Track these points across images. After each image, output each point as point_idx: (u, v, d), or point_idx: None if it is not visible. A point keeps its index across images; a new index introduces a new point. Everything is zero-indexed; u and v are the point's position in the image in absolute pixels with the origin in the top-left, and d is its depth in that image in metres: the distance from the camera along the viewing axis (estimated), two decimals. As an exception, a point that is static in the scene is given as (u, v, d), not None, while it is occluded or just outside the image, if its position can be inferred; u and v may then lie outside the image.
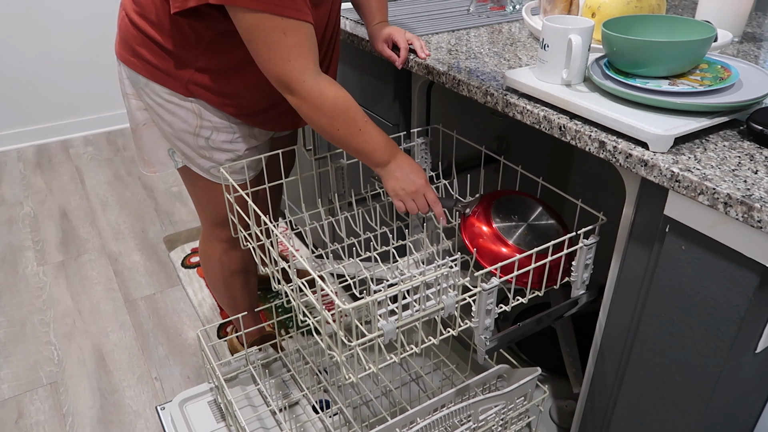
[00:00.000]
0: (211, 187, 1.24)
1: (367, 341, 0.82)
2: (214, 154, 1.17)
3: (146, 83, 1.11)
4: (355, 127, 1.03)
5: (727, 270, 0.75)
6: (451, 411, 0.96)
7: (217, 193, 1.25)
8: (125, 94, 1.17)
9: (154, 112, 1.14)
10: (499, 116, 1.48)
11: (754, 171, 0.74)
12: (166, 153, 1.20)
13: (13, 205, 2.50)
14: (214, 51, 1.06)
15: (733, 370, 0.83)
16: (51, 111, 3.06)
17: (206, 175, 1.21)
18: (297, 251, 0.90)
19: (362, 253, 1.23)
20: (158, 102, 1.12)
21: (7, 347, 1.75)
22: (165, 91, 1.10)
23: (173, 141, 1.17)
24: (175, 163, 1.21)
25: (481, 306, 0.88)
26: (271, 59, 0.96)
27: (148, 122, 1.17)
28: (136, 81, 1.12)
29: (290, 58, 0.95)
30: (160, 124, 1.15)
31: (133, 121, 1.20)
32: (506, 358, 1.35)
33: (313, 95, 0.98)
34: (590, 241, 0.96)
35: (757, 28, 1.29)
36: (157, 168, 1.23)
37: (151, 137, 1.19)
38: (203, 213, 1.31)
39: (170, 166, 1.22)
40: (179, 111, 1.12)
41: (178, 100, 1.11)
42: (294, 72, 0.96)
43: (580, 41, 0.89)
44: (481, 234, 1.06)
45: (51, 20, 2.88)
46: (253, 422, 1.34)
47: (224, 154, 1.18)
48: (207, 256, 1.39)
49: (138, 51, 1.09)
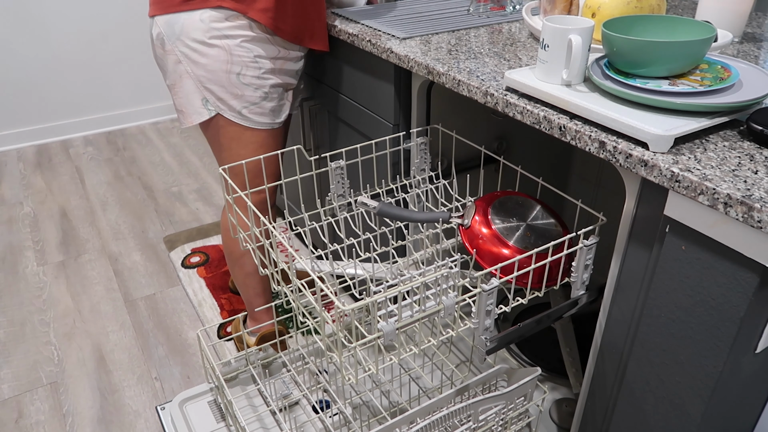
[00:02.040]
0: (239, 135, 1.33)
1: (367, 342, 0.82)
2: (246, 91, 1.28)
3: (181, 29, 1.23)
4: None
5: (727, 270, 0.75)
6: (451, 411, 0.96)
7: (245, 143, 1.35)
8: (162, 53, 1.29)
9: (189, 59, 1.25)
10: (499, 116, 1.48)
11: (754, 171, 0.74)
12: (200, 102, 1.30)
13: (13, 205, 2.50)
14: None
15: (733, 370, 0.83)
16: (51, 111, 3.06)
17: (238, 118, 1.31)
18: (297, 251, 0.90)
19: (362, 253, 1.23)
20: (192, 47, 1.24)
21: (7, 347, 1.75)
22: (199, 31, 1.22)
23: (207, 86, 1.27)
24: (209, 111, 1.31)
25: (481, 307, 0.88)
26: None
27: (184, 74, 1.28)
28: (171, 33, 1.24)
29: None
30: (195, 70, 1.26)
31: (170, 78, 1.31)
32: (506, 358, 1.35)
33: None
34: (590, 241, 0.96)
35: (757, 28, 1.29)
36: (193, 118, 1.32)
37: (186, 88, 1.30)
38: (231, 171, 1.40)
39: (204, 115, 1.31)
40: (211, 51, 1.24)
41: (211, 38, 1.23)
42: None
43: (580, 41, 0.89)
44: (480, 235, 1.06)
45: (51, 20, 2.88)
46: (253, 422, 1.34)
47: (254, 92, 1.29)
48: (228, 227, 1.44)
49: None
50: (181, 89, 1.31)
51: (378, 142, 1.40)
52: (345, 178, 1.25)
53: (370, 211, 1.17)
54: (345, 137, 1.59)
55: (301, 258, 0.88)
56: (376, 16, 1.46)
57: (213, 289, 1.95)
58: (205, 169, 2.79)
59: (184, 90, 1.30)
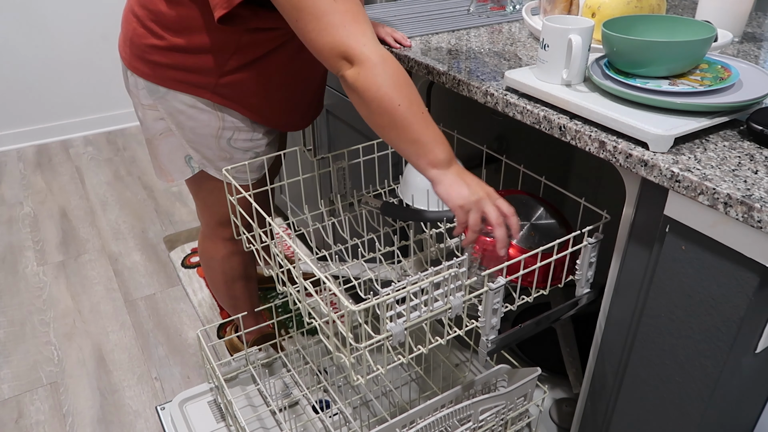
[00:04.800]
0: (221, 187, 1.24)
1: (375, 343, 0.82)
2: (235, 154, 1.18)
3: (166, 92, 1.09)
4: (419, 106, 0.87)
5: (727, 270, 0.75)
6: (451, 411, 0.96)
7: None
8: (140, 104, 1.15)
9: (174, 120, 1.12)
10: (499, 116, 1.48)
11: (754, 171, 0.74)
12: (183, 161, 1.19)
13: (13, 205, 2.50)
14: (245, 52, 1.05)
15: (733, 370, 0.83)
16: (51, 111, 3.06)
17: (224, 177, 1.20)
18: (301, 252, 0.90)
19: (366, 254, 1.23)
20: (179, 109, 1.10)
21: (7, 347, 1.75)
22: (189, 98, 1.09)
23: (194, 146, 1.16)
24: (192, 169, 1.20)
25: (487, 305, 0.88)
26: (323, 29, 0.86)
27: (165, 132, 1.15)
28: (154, 91, 1.10)
29: (345, 23, 0.85)
30: (181, 131, 1.14)
31: (148, 132, 1.18)
32: (506, 358, 1.35)
33: (376, 60, 0.85)
34: (594, 239, 0.96)
35: (757, 28, 1.29)
36: (175, 176, 1.21)
37: (168, 146, 1.17)
38: (209, 212, 1.30)
39: (187, 174, 1.20)
40: (201, 116, 1.11)
41: (202, 105, 1.09)
42: (352, 36, 0.85)
43: (580, 41, 0.89)
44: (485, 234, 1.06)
45: (51, 20, 2.88)
46: (253, 422, 1.34)
47: (245, 154, 1.19)
48: (209, 256, 1.39)
49: (154, 60, 1.06)
50: (160, 145, 1.18)
51: (379, 142, 1.40)
52: (347, 179, 1.25)
53: (374, 210, 1.17)
54: (345, 137, 1.59)
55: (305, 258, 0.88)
56: (375, 16, 1.46)
57: (213, 289, 1.95)
58: (205, 169, 2.79)
59: (165, 147, 1.18)
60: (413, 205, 1.18)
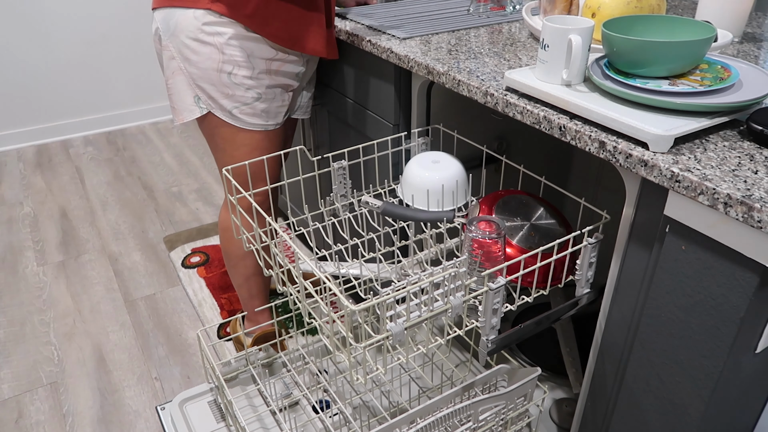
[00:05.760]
0: (233, 136, 1.31)
1: (375, 343, 0.82)
2: (237, 91, 1.26)
3: (176, 25, 1.22)
4: None
5: (727, 270, 0.75)
6: (451, 411, 0.96)
7: (238, 145, 1.33)
8: (159, 48, 1.29)
9: (182, 56, 1.24)
10: (499, 116, 1.48)
11: (754, 171, 0.74)
12: (192, 100, 1.29)
13: (13, 205, 2.50)
14: None
15: (733, 370, 0.83)
16: (51, 111, 3.06)
17: (229, 118, 1.29)
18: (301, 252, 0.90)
19: (366, 254, 1.23)
20: (185, 44, 1.23)
21: (7, 347, 1.75)
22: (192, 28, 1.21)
23: (199, 83, 1.26)
24: (200, 109, 1.30)
25: (487, 305, 0.88)
26: None
27: (177, 71, 1.27)
28: (166, 28, 1.24)
29: None
30: (187, 67, 1.25)
31: (165, 73, 1.31)
32: (506, 358, 1.35)
33: None
34: (594, 239, 0.96)
35: (757, 28, 1.29)
36: (185, 115, 1.31)
37: (179, 85, 1.29)
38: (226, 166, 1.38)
39: (196, 113, 1.30)
40: (203, 49, 1.23)
41: (204, 36, 1.21)
42: None
43: (580, 41, 0.89)
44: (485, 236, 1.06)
45: (51, 20, 2.88)
46: (253, 422, 1.34)
47: (245, 92, 1.27)
48: (227, 227, 1.42)
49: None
50: (173, 85, 1.30)
51: (379, 142, 1.40)
52: (347, 179, 1.25)
53: (374, 210, 1.17)
54: (345, 137, 1.60)
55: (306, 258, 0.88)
56: (375, 16, 1.46)
57: (213, 289, 1.95)
58: (205, 169, 2.79)
59: (177, 86, 1.30)
60: (413, 205, 1.18)
